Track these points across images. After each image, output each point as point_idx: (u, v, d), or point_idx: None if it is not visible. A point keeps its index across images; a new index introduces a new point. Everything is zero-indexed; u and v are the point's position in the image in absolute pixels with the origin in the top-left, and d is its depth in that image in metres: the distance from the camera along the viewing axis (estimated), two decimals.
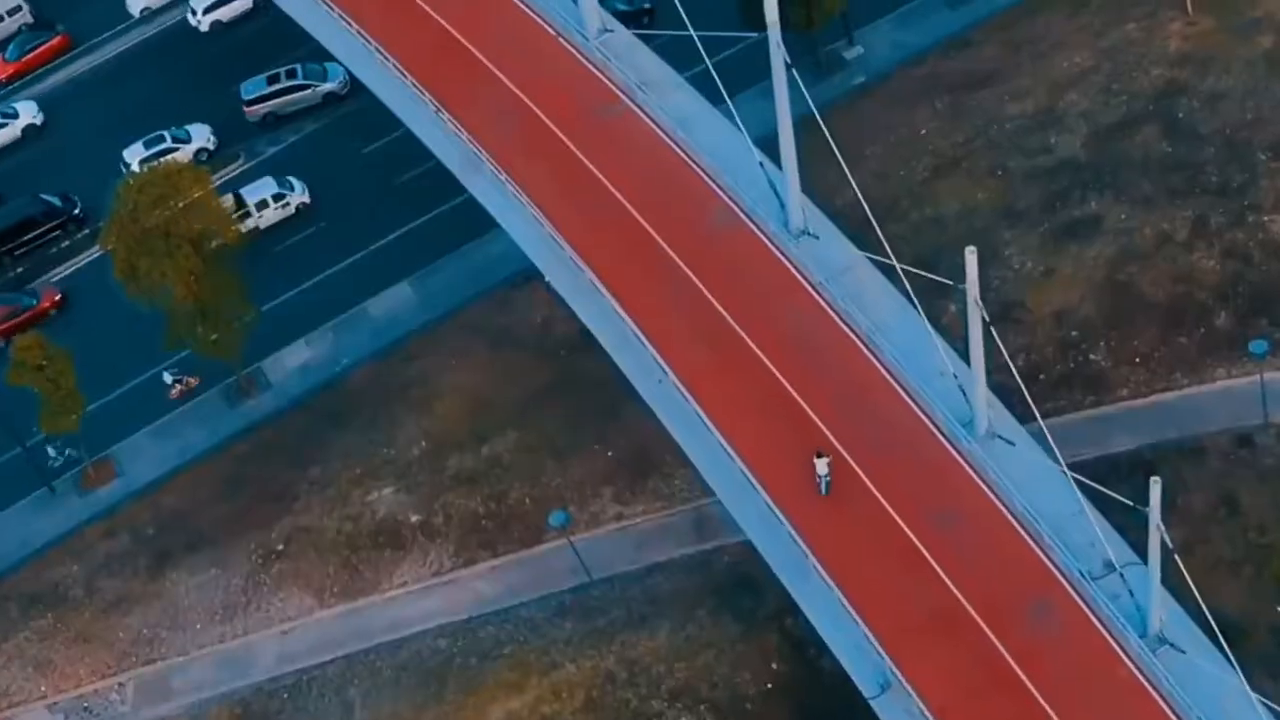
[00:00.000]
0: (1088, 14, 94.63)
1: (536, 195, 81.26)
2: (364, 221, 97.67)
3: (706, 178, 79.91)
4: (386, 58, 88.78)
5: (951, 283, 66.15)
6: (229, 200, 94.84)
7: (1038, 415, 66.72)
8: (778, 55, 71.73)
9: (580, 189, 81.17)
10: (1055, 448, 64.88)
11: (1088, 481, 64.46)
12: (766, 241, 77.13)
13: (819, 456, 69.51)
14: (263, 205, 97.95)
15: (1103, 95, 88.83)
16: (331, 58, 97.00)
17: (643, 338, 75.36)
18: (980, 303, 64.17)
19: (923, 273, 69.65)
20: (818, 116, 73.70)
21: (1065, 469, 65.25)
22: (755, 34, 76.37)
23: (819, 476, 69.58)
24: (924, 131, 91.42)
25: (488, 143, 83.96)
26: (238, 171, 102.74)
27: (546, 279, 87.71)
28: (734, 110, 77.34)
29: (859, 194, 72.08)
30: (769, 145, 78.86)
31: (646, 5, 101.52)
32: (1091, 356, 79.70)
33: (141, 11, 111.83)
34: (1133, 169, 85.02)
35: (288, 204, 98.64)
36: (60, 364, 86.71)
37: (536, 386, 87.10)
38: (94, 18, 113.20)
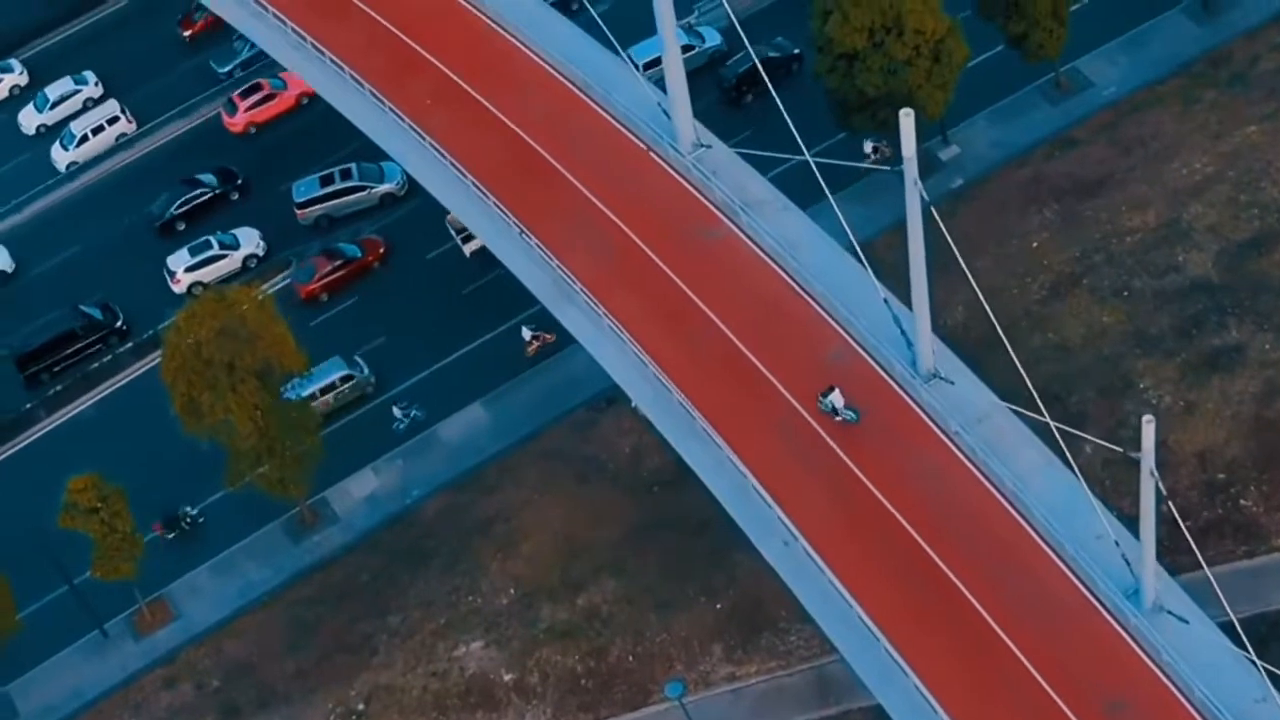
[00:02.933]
0: (1201, 111, 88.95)
1: (634, 328, 75.38)
2: (429, 335, 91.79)
3: (820, 308, 74.16)
4: (464, 173, 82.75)
5: (1120, 450, 60.50)
6: None
7: (1204, 564, 61.32)
8: (913, 191, 66.28)
9: (682, 321, 75.37)
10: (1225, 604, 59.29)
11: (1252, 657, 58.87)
12: (893, 384, 71.35)
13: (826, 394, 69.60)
14: None
15: (1230, 208, 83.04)
16: (387, 156, 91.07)
17: (764, 493, 69.49)
18: (1156, 473, 58.51)
19: (1081, 434, 64.03)
20: (947, 237, 67.36)
21: (1251, 653, 59.66)
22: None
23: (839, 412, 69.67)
24: (1035, 244, 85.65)
25: (577, 267, 78.05)
26: (289, 280, 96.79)
27: (634, 404, 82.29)
28: (850, 234, 71.61)
29: (993, 321, 66.47)
30: (870, 253, 74.39)
31: (795, 51, 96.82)
32: (1242, 502, 74.00)
33: (68, 167, 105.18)
34: (1272, 293, 79.21)
35: None
36: (116, 504, 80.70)
37: (630, 526, 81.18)
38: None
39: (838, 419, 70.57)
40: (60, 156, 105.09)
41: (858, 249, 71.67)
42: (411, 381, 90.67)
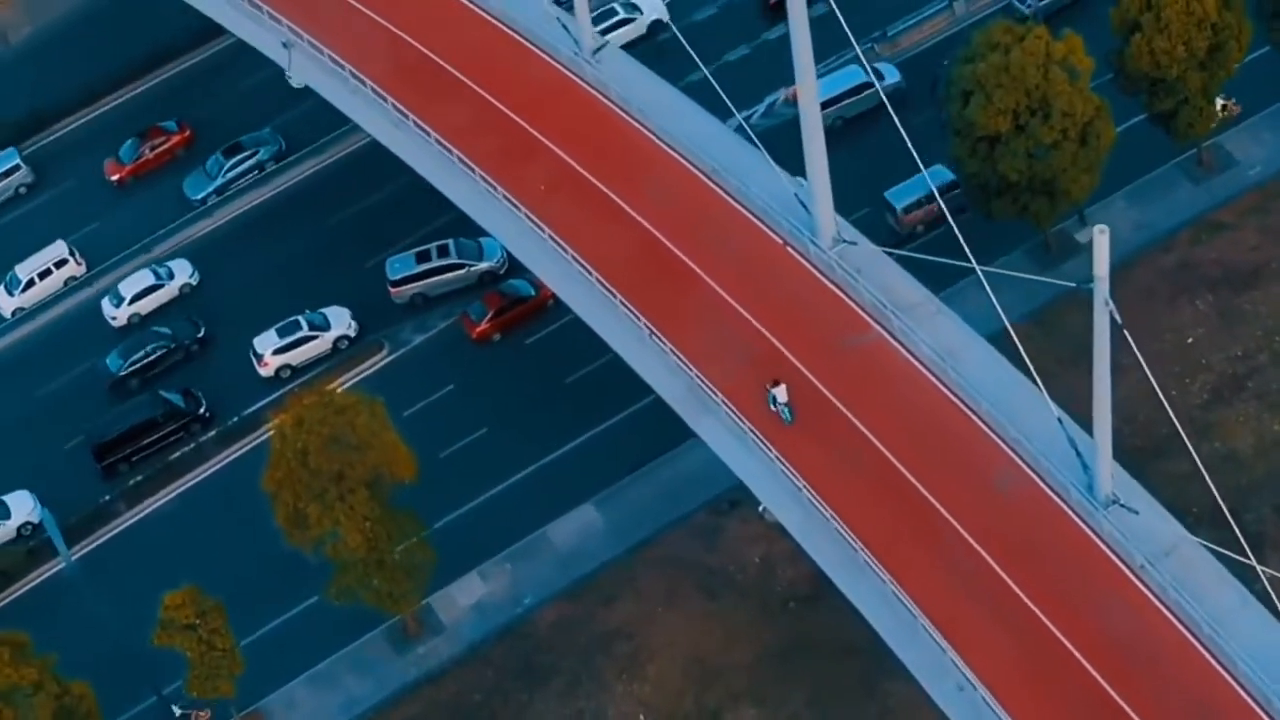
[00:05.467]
0: None
1: (781, 445, 70.26)
2: (533, 428, 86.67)
3: (984, 425, 69.06)
4: (586, 268, 77.64)
5: None
6: None
7: None
8: (1103, 311, 61.23)
9: (832, 436, 70.28)
10: None
11: None
12: (1069, 511, 66.26)
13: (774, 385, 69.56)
14: None
15: None
16: (484, 231, 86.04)
17: (934, 631, 64.41)
18: None
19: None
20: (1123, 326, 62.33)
21: None
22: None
23: (779, 405, 69.53)
24: (1190, 340, 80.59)
25: (714, 375, 72.94)
26: (381, 364, 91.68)
27: (762, 508, 77.33)
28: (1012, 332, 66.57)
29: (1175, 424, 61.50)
30: (999, 347, 70.20)
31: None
32: None
33: (13, 313, 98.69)
34: None
35: None
36: (214, 620, 75.59)
37: (768, 648, 76.06)
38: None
39: (773, 408, 70.01)
40: (4, 303, 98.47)
41: (1030, 367, 66.65)
42: (517, 477, 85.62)
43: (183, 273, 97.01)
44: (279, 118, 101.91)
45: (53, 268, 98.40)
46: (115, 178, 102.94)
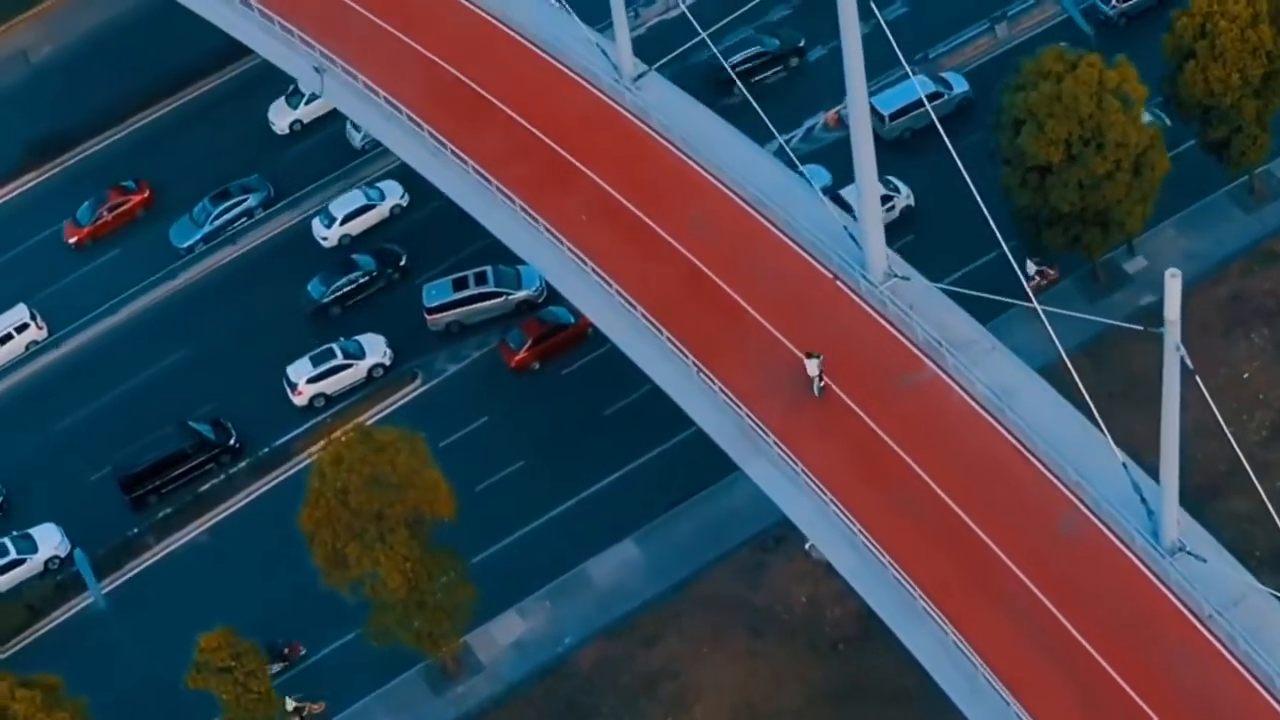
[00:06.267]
0: None
1: (835, 487, 68.52)
2: (571, 461, 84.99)
3: (1043, 467, 67.36)
4: (629, 301, 75.92)
5: None
6: None
7: None
8: (1174, 357, 59.65)
9: (886, 477, 68.58)
10: None
11: None
12: (1133, 558, 64.56)
13: (809, 357, 69.89)
14: None
15: None
16: (522, 260, 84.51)
17: (992, 678, 62.65)
18: None
19: None
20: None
21: None
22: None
23: (812, 377, 70.11)
24: (1246, 374, 78.95)
25: (764, 414, 71.21)
26: (415, 394, 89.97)
27: (809, 545, 75.79)
28: (1089, 402, 64.91)
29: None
30: (1050, 380, 69.06)
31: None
32: None
33: None
34: None
35: None
36: (250, 662, 73.96)
37: (818, 691, 74.41)
38: None
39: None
40: None
41: (1092, 409, 65.03)
42: (555, 512, 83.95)
43: (393, 194, 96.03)
44: (251, 173, 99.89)
45: (14, 332, 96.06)
46: (73, 240, 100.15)
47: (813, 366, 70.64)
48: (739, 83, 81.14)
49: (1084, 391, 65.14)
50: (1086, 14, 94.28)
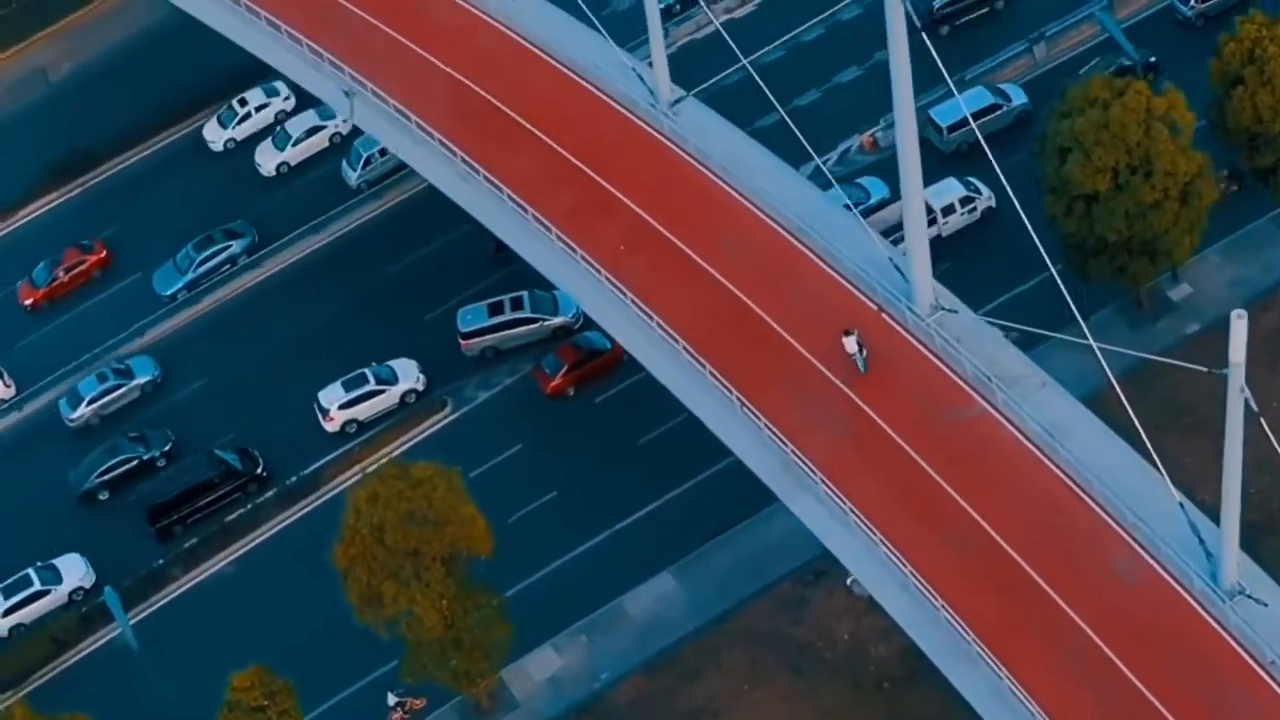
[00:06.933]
0: None
1: (885, 526, 67.10)
2: (605, 491, 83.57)
3: (1098, 507, 65.89)
4: (670, 334, 74.52)
5: None
6: None
7: None
8: (1238, 399, 58.12)
9: (938, 517, 67.17)
10: None
11: None
12: (1192, 601, 63.12)
13: (846, 335, 69.95)
14: None
15: None
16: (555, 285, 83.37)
17: None
18: None
19: None
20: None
21: None
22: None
23: (850, 355, 70.07)
24: None
25: (810, 450, 69.78)
26: (444, 422, 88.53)
27: (851, 580, 74.47)
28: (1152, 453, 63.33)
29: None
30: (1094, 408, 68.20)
31: (1152, 60, 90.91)
32: None
33: None
34: None
35: None
36: (284, 701, 72.52)
37: None
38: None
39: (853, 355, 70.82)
40: None
41: (1149, 446, 63.59)
42: (590, 544, 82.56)
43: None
44: (208, 230, 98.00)
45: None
46: (29, 302, 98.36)
47: (850, 343, 70.39)
48: (776, 104, 79.86)
49: (1139, 427, 63.66)
50: (1165, 11, 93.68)
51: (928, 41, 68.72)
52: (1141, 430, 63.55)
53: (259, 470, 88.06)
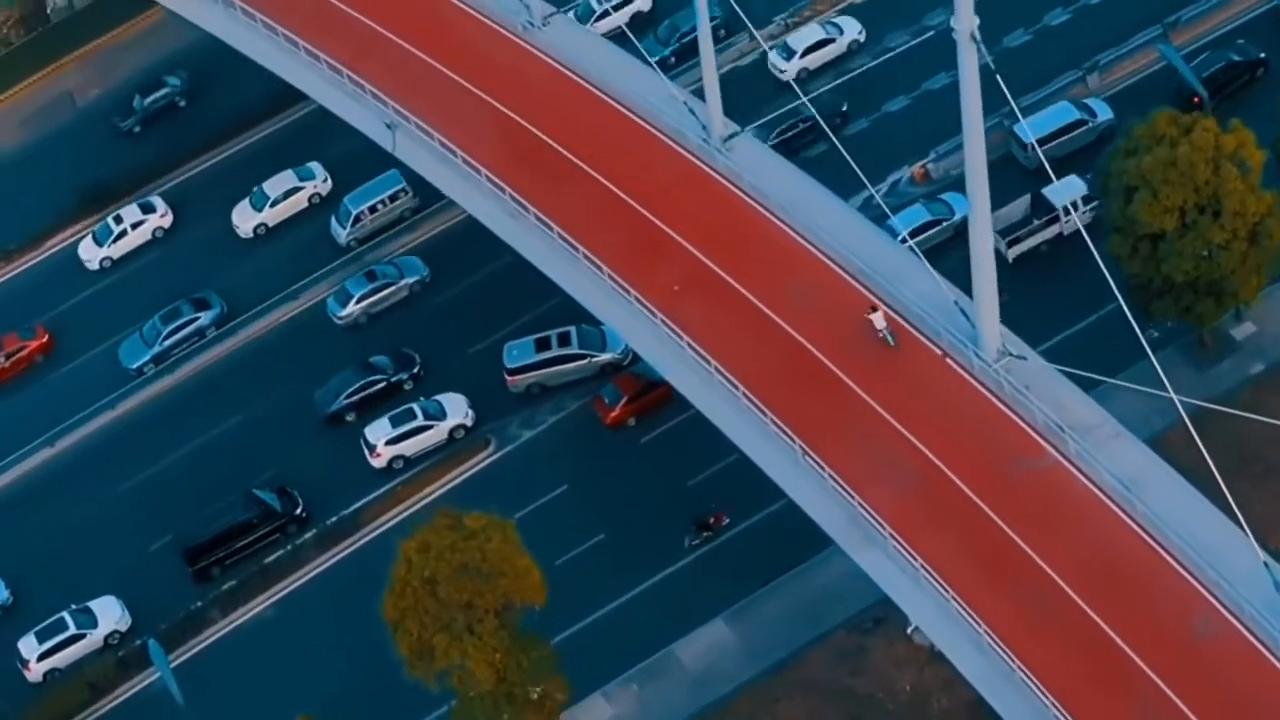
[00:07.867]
0: None
1: (956, 581, 65.21)
2: (654, 535, 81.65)
3: (1177, 563, 64.00)
4: (729, 379, 72.65)
5: None
6: None
7: None
8: None
9: (1008, 572, 65.31)
10: None
11: None
12: (1276, 664, 61.24)
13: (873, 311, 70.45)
14: None
15: None
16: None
17: None
18: None
19: None
20: None
21: None
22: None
23: (879, 331, 70.48)
24: None
25: (877, 502, 67.88)
26: (488, 461, 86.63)
27: (912, 628, 72.53)
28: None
29: None
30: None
31: (1260, 55, 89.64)
32: None
33: None
34: None
35: None
36: None
37: None
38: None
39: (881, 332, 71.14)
40: None
41: (1231, 503, 61.67)
42: (640, 589, 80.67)
43: (851, 30, 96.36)
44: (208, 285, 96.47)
45: None
46: None
47: (878, 319, 70.85)
48: (831, 133, 78.16)
49: (1218, 478, 61.71)
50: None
51: (990, 62, 66.63)
52: (1221, 481, 61.70)
53: (298, 510, 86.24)
